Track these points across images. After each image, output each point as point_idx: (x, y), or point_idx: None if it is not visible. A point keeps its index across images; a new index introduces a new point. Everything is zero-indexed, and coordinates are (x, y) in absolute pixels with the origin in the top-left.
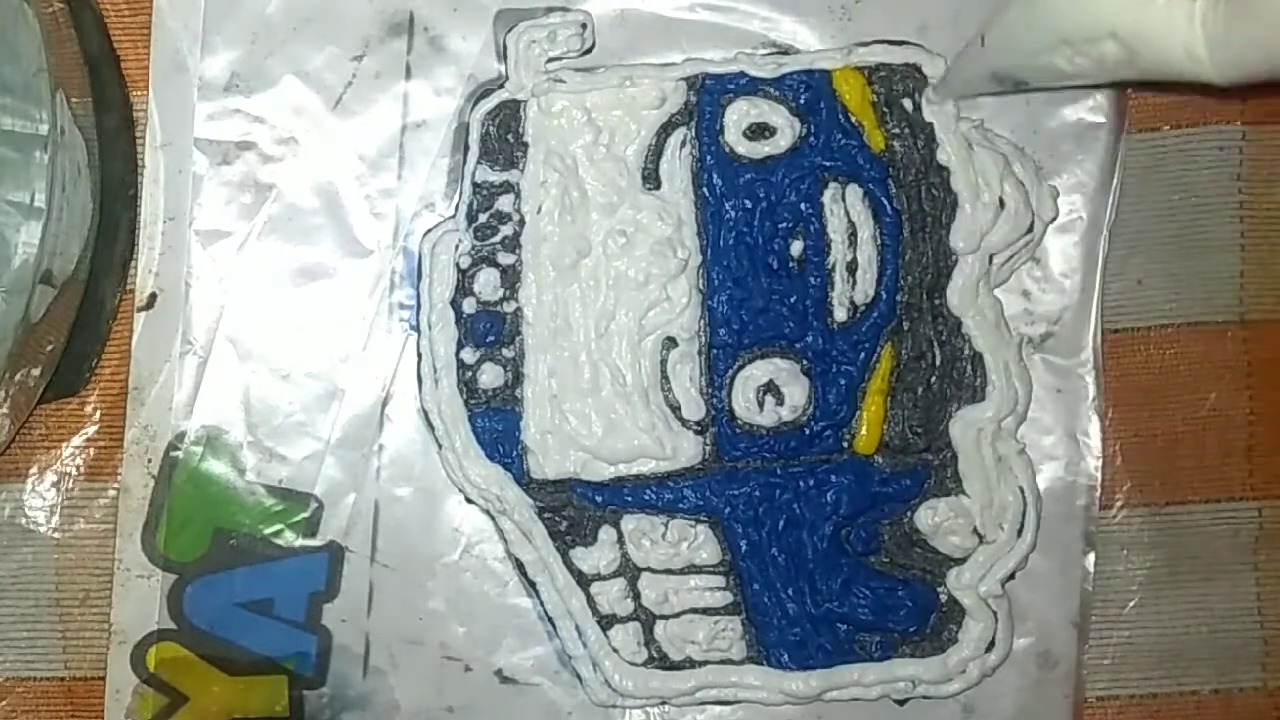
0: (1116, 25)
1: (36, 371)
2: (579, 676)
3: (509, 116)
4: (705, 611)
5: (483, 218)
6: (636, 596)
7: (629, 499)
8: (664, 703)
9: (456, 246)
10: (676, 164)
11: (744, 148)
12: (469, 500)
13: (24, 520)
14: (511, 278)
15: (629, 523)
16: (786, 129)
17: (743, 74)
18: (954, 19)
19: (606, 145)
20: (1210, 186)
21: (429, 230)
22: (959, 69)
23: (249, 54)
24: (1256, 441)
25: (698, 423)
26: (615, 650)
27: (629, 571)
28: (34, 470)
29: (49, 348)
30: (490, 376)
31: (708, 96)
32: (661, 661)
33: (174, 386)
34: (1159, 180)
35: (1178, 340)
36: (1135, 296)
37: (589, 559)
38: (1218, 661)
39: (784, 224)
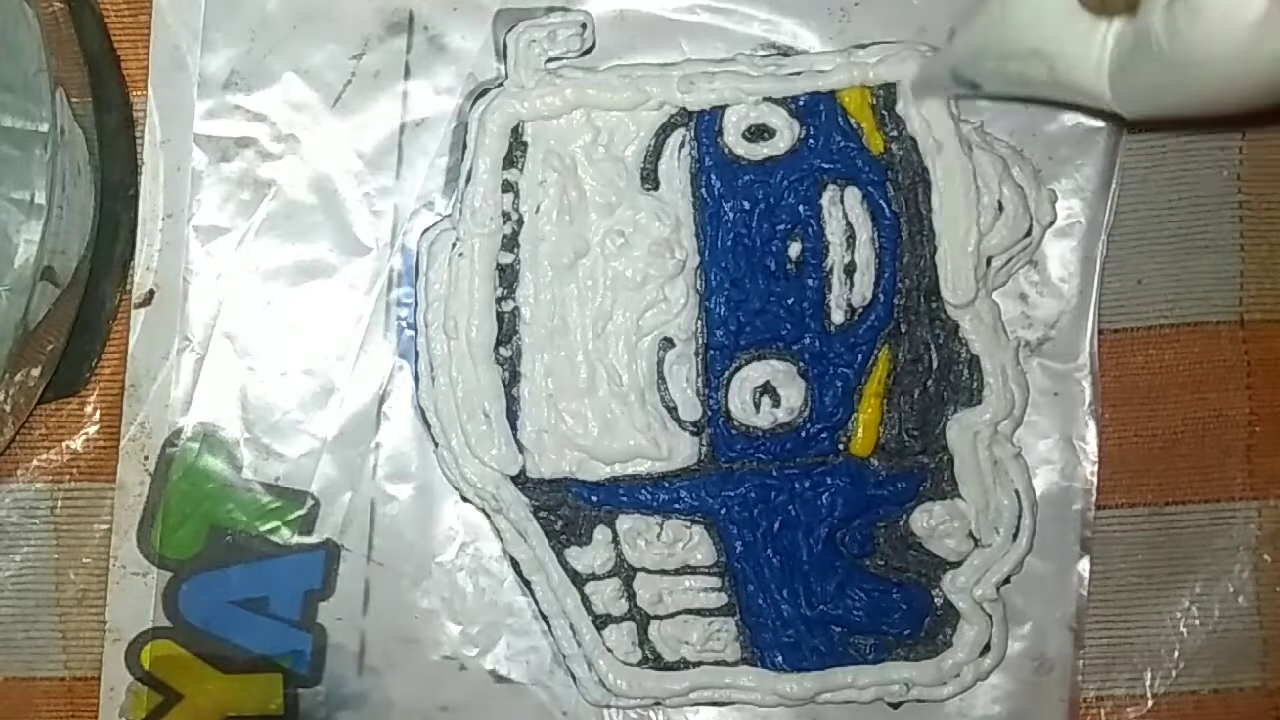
0: (1042, 42)
1: (36, 371)
2: (573, 676)
3: None
4: (700, 612)
5: None
6: (631, 596)
7: (624, 499)
8: (658, 703)
9: (454, 245)
10: (675, 165)
11: (743, 149)
12: (465, 499)
13: (24, 520)
14: (510, 277)
15: (624, 523)
16: (785, 131)
17: None
18: (952, 21)
19: (605, 146)
20: (1209, 186)
21: (427, 229)
22: (928, 65)
23: (249, 51)
24: (1256, 441)
25: (694, 423)
26: (610, 650)
27: (624, 571)
28: (34, 470)
29: (49, 348)
30: None
31: None
32: (656, 662)
33: (171, 383)
34: (1158, 180)
35: (1176, 340)
36: (1134, 296)
37: (584, 558)
38: (1218, 661)
39: (782, 226)
